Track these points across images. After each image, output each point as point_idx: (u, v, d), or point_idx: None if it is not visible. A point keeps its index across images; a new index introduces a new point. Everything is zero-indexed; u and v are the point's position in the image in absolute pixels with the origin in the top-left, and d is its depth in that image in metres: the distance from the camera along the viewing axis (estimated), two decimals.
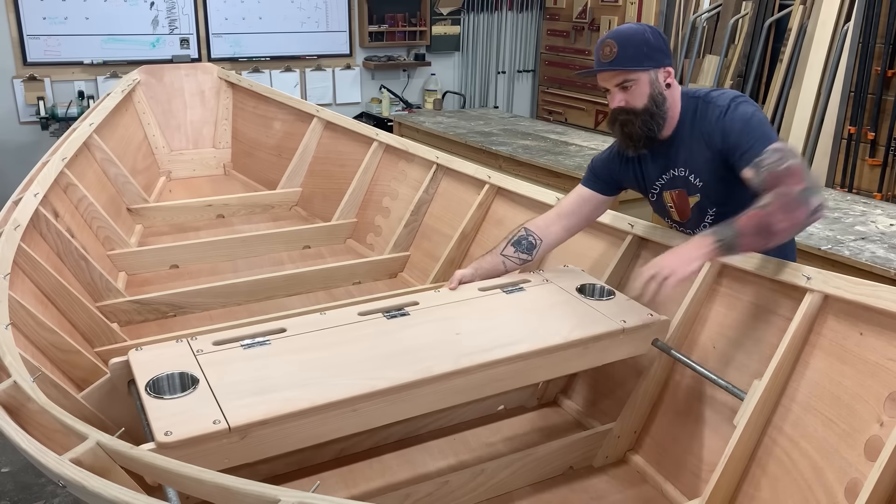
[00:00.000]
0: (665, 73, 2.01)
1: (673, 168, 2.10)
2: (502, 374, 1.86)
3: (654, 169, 2.14)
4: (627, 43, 1.96)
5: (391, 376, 1.72)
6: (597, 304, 2.11)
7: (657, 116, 2.00)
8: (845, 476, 1.64)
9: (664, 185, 2.14)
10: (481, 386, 1.85)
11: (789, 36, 5.24)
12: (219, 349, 1.80)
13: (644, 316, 2.05)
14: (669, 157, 2.09)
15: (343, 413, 1.64)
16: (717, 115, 1.98)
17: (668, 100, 2.02)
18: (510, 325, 2.00)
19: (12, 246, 2.28)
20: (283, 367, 1.74)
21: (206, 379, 1.67)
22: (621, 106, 2.01)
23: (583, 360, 2.01)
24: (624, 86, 1.99)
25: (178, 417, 1.52)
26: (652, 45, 1.98)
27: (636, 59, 1.96)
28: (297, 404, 1.59)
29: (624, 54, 1.95)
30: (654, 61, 1.98)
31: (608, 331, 1.98)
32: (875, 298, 1.70)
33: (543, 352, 1.90)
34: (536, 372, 1.95)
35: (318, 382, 1.68)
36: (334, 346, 1.86)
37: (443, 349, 1.85)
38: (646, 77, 1.98)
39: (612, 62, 1.97)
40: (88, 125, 3.58)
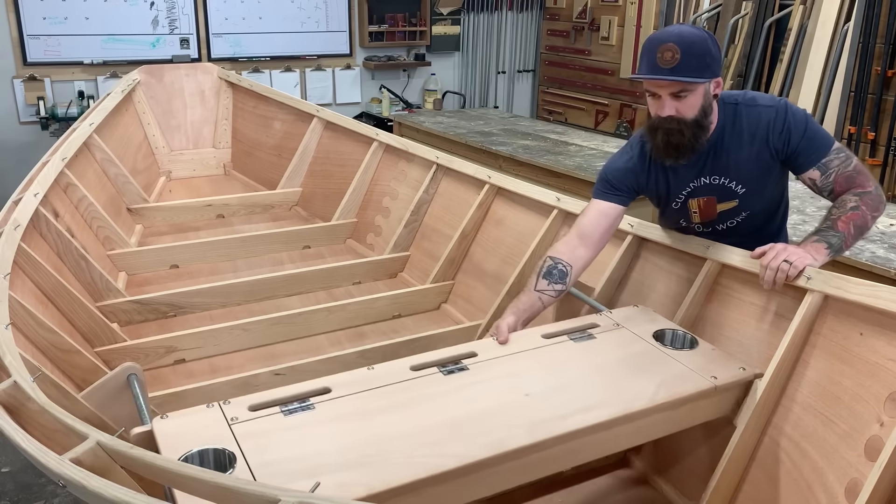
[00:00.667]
0: (716, 83, 1.94)
1: (706, 176, 2.04)
2: (582, 446, 1.64)
3: (684, 177, 2.06)
4: (691, 51, 1.85)
5: (459, 453, 1.49)
6: (680, 356, 1.88)
7: (705, 128, 1.94)
8: (845, 476, 1.64)
9: (691, 193, 2.08)
10: (557, 459, 1.64)
11: (789, 36, 5.24)
12: (255, 416, 1.59)
13: (736, 370, 1.82)
14: (702, 165, 2.03)
15: (404, 500, 1.42)
16: (772, 116, 1.96)
17: (714, 110, 1.96)
18: (584, 382, 1.77)
19: (12, 246, 2.27)
20: (330, 439, 1.52)
21: (243, 456, 1.45)
22: (672, 115, 1.90)
23: (669, 424, 1.78)
24: (679, 95, 1.89)
25: None
26: (713, 56, 1.89)
27: (698, 70, 1.86)
28: (352, 491, 1.37)
29: (687, 63, 1.84)
30: (712, 72, 1.90)
31: (698, 390, 1.75)
32: (875, 298, 1.70)
33: (628, 419, 1.66)
34: (619, 440, 1.73)
35: (374, 461, 1.46)
36: (388, 412, 1.63)
37: (513, 416, 1.62)
38: (702, 89, 1.89)
39: (673, 70, 1.85)
40: (88, 125, 3.58)
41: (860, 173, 1.95)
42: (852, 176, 1.94)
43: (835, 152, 1.95)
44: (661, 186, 2.11)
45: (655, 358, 1.88)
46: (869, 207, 1.91)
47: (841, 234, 1.87)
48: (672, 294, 2.21)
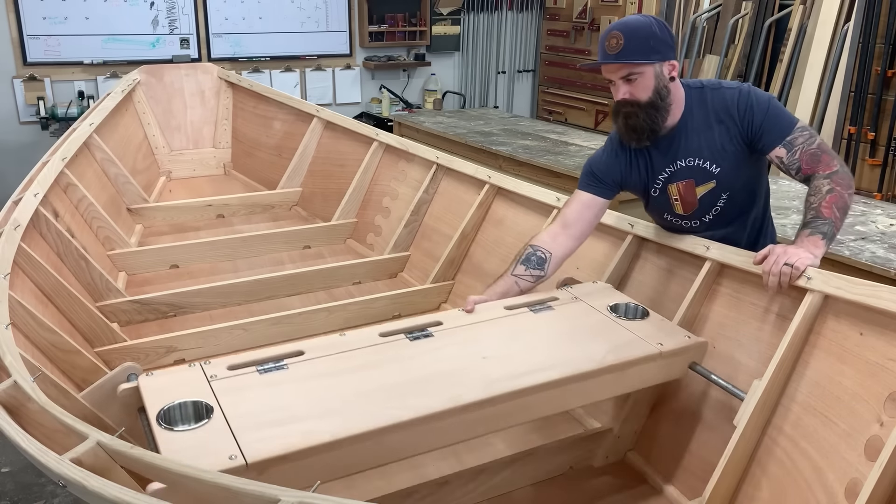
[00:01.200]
0: (669, 66, 2.01)
1: (681, 159, 2.09)
2: (534, 402, 1.76)
3: (660, 163, 2.13)
4: (634, 35, 1.95)
5: (417, 405, 1.61)
6: (631, 325, 2.01)
7: (661, 109, 2.01)
8: (845, 476, 1.64)
9: (668, 178, 2.13)
10: (511, 414, 1.75)
11: (789, 36, 5.24)
12: (233, 374, 1.71)
13: (682, 338, 1.96)
14: (676, 148, 2.09)
15: (366, 447, 1.55)
16: (735, 96, 2.03)
17: (671, 93, 2.03)
18: (540, 347, 1.89)
19: (12, 246, 2.27)
20: (301, 394, 1.64)
21: (220, 408, 1.57)
22: (625, 98, 2.01)
23: (618, 386, 1.90)
24: (629, 78, 1.99)
25: (192, 452, 1.42)
26: (658, 38, 1.98)
27: (642, 52, 1.96)
28: (317, 437, 1.49)
29: (630, 46, 1.95)
30: (659, 54, 1.98)
31: (645, 354, 1.88)
32: (875, 298, 1.70)
33: (578, 378, 1.79)
34: (570, 399, 1.85)
35: (340, 412, 1.58)
36: (355, 371, 1.75)
37: (471, 375, 1.74)
38: (651, 70, 1.98)
39: (618, 54, 1.96)
40: (88, 125, 3.58)
41: (825, 152, 1.98)
42: (817, 154, 1.97)
43: (798, 130, 1.99)
44: (641, 174, 2.17)
45: (608, 327, 2.01)
46: (843, 187, 1.92)
47: (829, 220, 1.89)
48: (672, 294, 2.22)
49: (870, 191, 4.60)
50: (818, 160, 1.97)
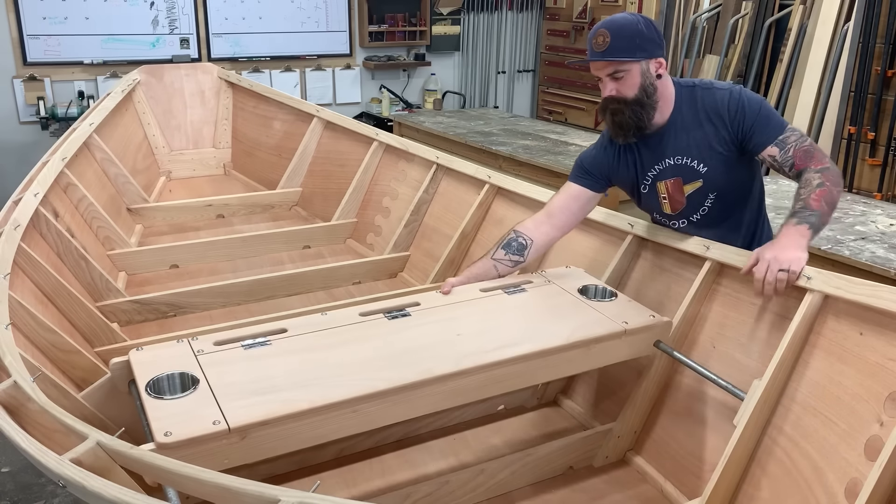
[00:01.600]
0: (657, 63, 2.03)
1: (669, 157, 2.11)
2: (503, 376, 1.86)
3: (649, 160, 2.15)
4: (620, 33, 1.98)
5: (392, 377, 1.71)
6: (598, 305, 2.11)
7: (647, 107, 2.03)
8: (845, 476, 1.64)
9: (657, 176, 2.15)
10: (482, 387, 1.85)
11: (789, 36, 5.24)
12: (219, 349, 1.80)
13: (646, 317, 2.05)
14: (664, 146, 2.11)
15: (343, 414, 1.64)
16: (726, 97, 2.04)
17: (658, 90, 2.04)
18: (511, 326, 2.00)
19: (12, 246, 2.27)
20: (283, 367, 1.74)
21: (206, 379, 1.67)
22: (612, 95, 2.03)
23: (584, 362, 2.01)
24: (615, 76, 2.01)
25: (178, 418, 1.52)
26: (644, 36, 2.00)
27: (628, 50, 1.98)
28: (296, 405, 1.59)
29: (616, 45, 1.97)
30: (646, 52, 2.00)
31: (610, 332, 1.98)
32: (875, 298, 1.70)
33: (544, 353, 1.89)
34: (538, 373, 1.95)
35: (318, 383, 1.68)
36: (335, 347, 1.85)
37: (444, 350, 1.85)
38: (637, 68, 2.00)
39: (604, 52, 1.99)
40: (88, 125, 3.58)
41: (817, 150, 2.00)
42: (810, 150, 1.98)
43: (790, 130, 2.01)
44: (630, 171, 2.19)
45: (577, 307, 2.11)
46: (832, 182, 1.93)
47: (817, 212, 1.89)
48: (672, 294, 2.22)
49: (870, 191, 4.60)
50: (811, 156, 1.98)
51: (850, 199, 3.49)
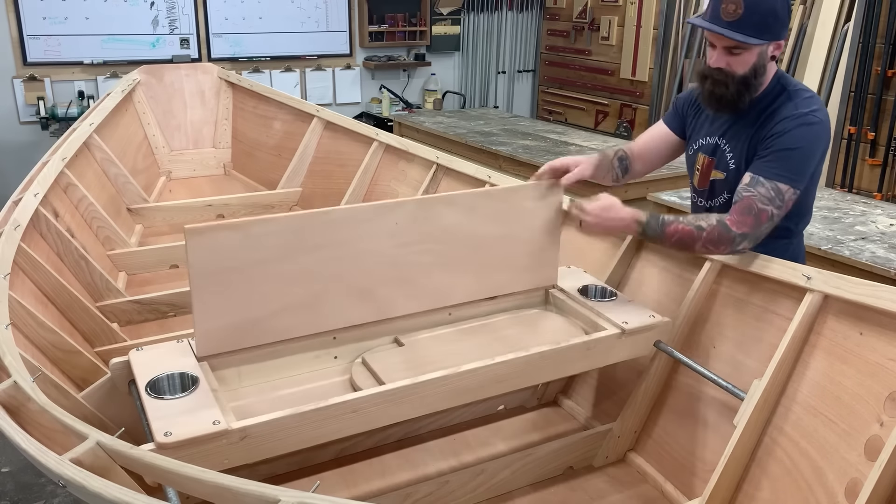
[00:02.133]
0: (776, 45, 1.90)
1: (719, 137, 2.05)
2: (503, 376, 1.86)
3: (708, 127, 2.09)
4: (756, 8, 1.82)
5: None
6: (598, 306, 2.11)
7: (752, 87, 1.92)
8: (845, 476, 1.64)
9: (702, 147, 2.10)
10: (482, 387, 1.85)
11: (789, 36, 5.25)
12: None
13: (646, 318, 2.05)
14: (725, 125, 2.04)
15: (343, 414, 1.65)
16: (784, 116, 1.91)
17: (767, 72, 1.94)
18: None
19: (12, 246, 2.27)
20: None
21: (206, 380, 1.67)
22: (721, 67, 1.90)
23: (584, 362, 2.01)
24: (733, 51, 1.87)
25: (178, 418, 1.52)
26: (778, 16, 1.85)
27: (758, 29, 1.83)
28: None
29: (749, 20, 1.81)
30: (772, 34, 1.87)
31: (610, 333, 1.99)
32: (875, 298, 1.70)
33: (544, 353, 1.90)
34: (537, 373, 1.95)
35: None
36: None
37: None
38: (758, 49, 1.87)
39: (733, 24, 1.82)
40: (88, 125, 3.58)
41: (754, 218, 1.85)
42: (749, 209, 1.85)
43: (769, 187, 1.86)
44: (693, 125, 2.16)
45: (577, 308, 2.13)
46: (711, 241, 1.87)
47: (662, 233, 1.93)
48: (672, 294, 2.22)
49: (870, 191, 4.60)
50: (743, 211, 1.86)
51: (851, 199, 3.49)
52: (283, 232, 1.79)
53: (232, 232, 1.71)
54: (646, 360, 2.14)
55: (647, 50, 6.39)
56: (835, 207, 3.30)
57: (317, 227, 1.83)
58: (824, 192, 3.62)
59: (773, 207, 1.86)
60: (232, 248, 1.71)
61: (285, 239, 1.80)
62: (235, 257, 1.71)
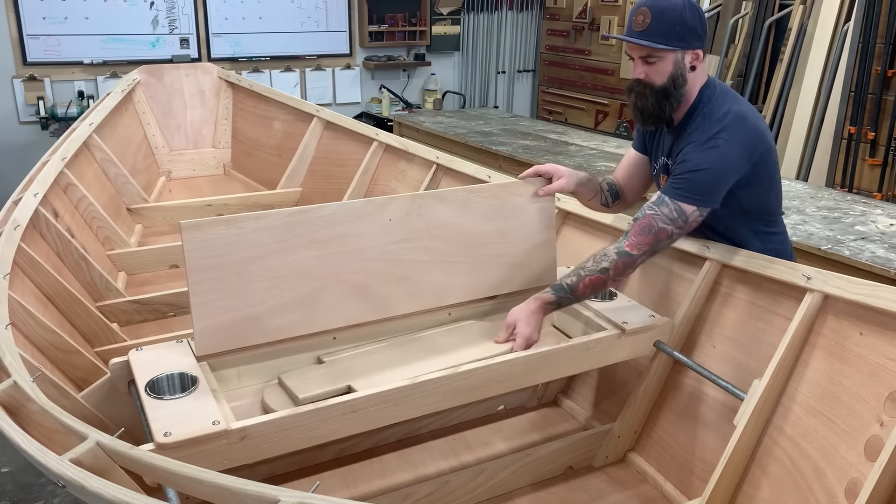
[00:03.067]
0: (693, 55, 1.95)
1: (668, 157, 2.09)
2: (503, 376, 1.86)
3: (660, 147, 2.13)
4: (662, 17, 1.89)
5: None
6: (598, 306, 2.11)
7: (672, 98, 1.96)
8: (845, 476, 1.64)
9: (659, 169, 2.14)
10: (482, 387, 1.85)
11: (789, 36, 5.24)
12: None
13: (645, 317, 2.05)
14: (670, 144, 2.08)
15: (343, 414, 1.65)
16: (692, 140, 1.95)
17: (688, 83, 1.97)
18: None
19: (12, 246, 2.27)
20: None
21: (206, 380, 1.67)
22: (640, 78, 1.97)
23: (584, 362, 2.01)
24: (648, 60, 1.94)
25: (178, 418, 1.52)
26: (686, 25, 1.91)
27: (666, 37, 1.90)
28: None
29: (656, 28, 1.89)
30: (683, 42, 1.92)
31: (609, 333, 1.99)
32: (875, 298, 1.70)
33: (544, 354, 1.90)
34: (537, 374, 1.96)
35: None
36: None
37: None
38: (672, 57, 1.93)
39: (642, 33, 1.91)
40: (88, 125, 3.58)
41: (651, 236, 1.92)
42: (650, 228, 1.92)
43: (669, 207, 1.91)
44: (652, 147, 2.18)
45: (577, 308, 2.12)
46: (617, 274, 1.93)
47: (573, 294, 1.95)
48: (672, 294, 2.21)
49: (870, 191, 4.60)
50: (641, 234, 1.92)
51: (851, 199, 3.48)
52: (278, 227, 1.81)
53: (227, 227, 1.73)
54: (646, 360, 2.14)
55: None
56: (835, 207, 3.30)
57: (311, 222, 1.84)
58: (824, 192, 3.62)
59: (674, 227, 1.93)
60: (227, 244, 1.71)
61: (280, 235, 1.81)
62: (231, 252, 1.72)
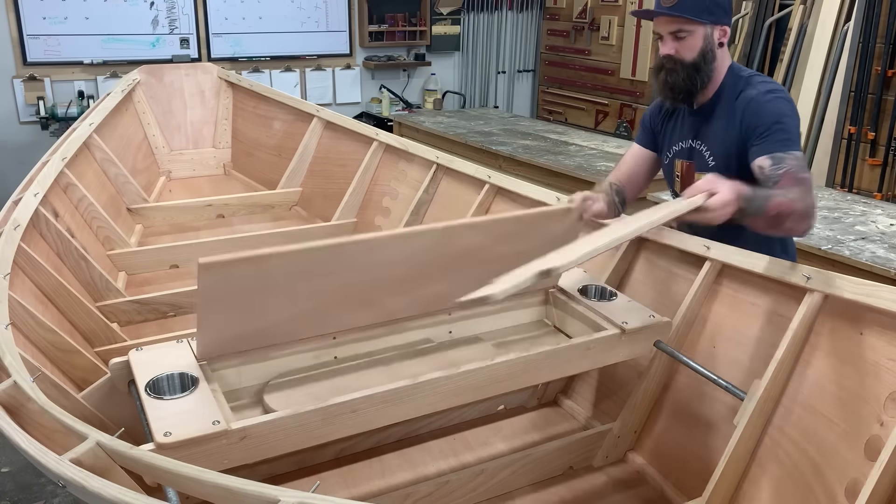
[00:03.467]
0: (721, 31, 1.98)
1: (692, 139, 2.08)
2: (503, 376, 1.86)
3: (680, 133, 2.12)
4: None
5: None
6: (598, 306, 2.11)
7: (703, 73, 1.98)
8: (845, 476, 1.64)
9: (678, 153, 2.13)
10: (482, 387, 1.85)
11: (789, 36, 5.24)
12: None
13: (645, 317, 2.05)
14: (696, 126, 2.07)
15: (343, 414, 1.65)
16: (751, 96, 1.97)
17: (717, 59, 1.99)
18: None
19: (12, 246, 2.27)
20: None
21: (206, 381, 1.67)
22: (670, 54, 1.98)
23: (584, 362, 2.01)
24: (678, 35, 1.95)
25: (178, 418, 1.52)
26: (716, 1, 1.94)
27: (697, 10, 1.92)
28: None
29: (686, 2, 1.91)
30: (713, 16, 1.95)
31: (609, 333, 1.99)
32: (875, 298, 1.69)
33: (544, 353, 1.90)
34: (537, 373, 1.95)
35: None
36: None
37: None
38: (702, 31, 1.95)
39: (673, 7, 1.92)
40: (88, 125, 3.58)
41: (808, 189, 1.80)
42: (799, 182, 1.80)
43: (793, 157, 1.85)
44: (666, 134, 2.17)
45: (577, 307, 2.13)
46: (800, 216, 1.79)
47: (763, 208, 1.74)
48: (672, 294, 2.21)
49: (870, 191, 4.60)
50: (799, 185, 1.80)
51: (851, 199, 3.49)
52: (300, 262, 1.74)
53: (248, 265, 1.66)
54: (646, 360, 2.14)
55: (647, 50, 6.39)
56: (835, 207, 3.30)
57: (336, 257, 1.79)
58: (824, 192, 3.62)
59: (807, 173, 1.85)
60: (244, 279, 1.66)
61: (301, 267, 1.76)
62: (248, 287, 1.68)
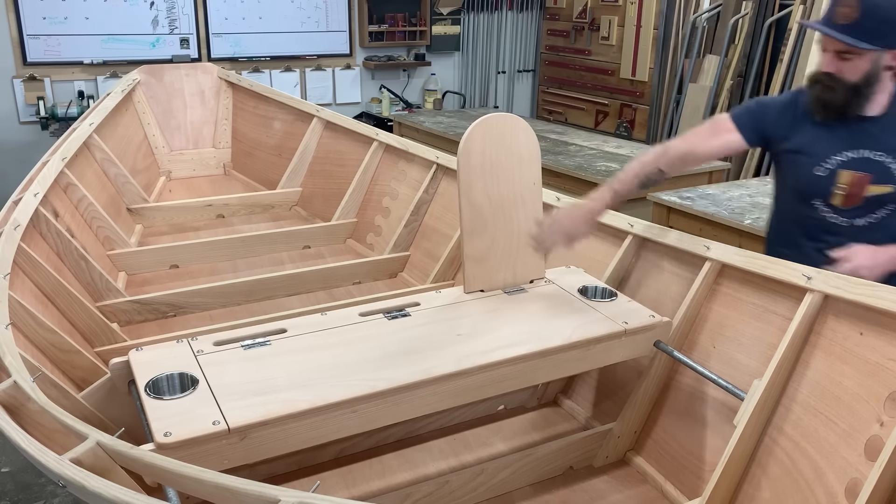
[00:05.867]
0: (892, 55, 1.83)
1: (869, 149, 1.92)
2: (503, 376, 1.86)
3: (836, 142, 1.95)
4: (872, 12, 1.75)
5: (391, 377, 1.72)
6: (598, 306, 2.11)
7: (863, 96, 1.86)
8: (845, 476, 1.64)
9: (844, 163, 1.94)
10: (482, 387, 1.85)
11: (789, 36, 5.24)
12: (219, 350, 1.81)
13: (646, 317, 2.05)
14: (867, 136, 1.92)
15: (343, 414, 1.65)
16: None
17: (882, 81, 1.86)
18: (512, 326, 2.01)
19: (12, 246, 2.27)
20: (283, 367, 1.75)
21: (206, 379, 1.67)
22: (831, 72, 1.85)
23: (584, 362, 2.01)
24: (845, 56, 1.81)
25: (178, 418, 1.52)
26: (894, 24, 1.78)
27: (871, 35, 1.76)
28: (296, 405, 1.59)
29: (864, 24, 1.75)
30: (886, 40, 1.79)
31: (609, 332, 1.99)
32: (875, 298, 1.70)
33: (544, 353, 1.90)
34: (537, 373, 1.95)
35: (318, 383, 1.69)
36: (335, 347, 1.86)
37: (444, 350, 1.86)
38: (871, 55, 1.80)
39: (847, 28, 1.76)
40: (88, 125, 3.58)
41: None
42: None
43: None
44: (808, 143, 1.98)
45: (577, 307, 2.12)
46: None
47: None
48: (672, 294, 2.22)
49: None
50: None
51: None
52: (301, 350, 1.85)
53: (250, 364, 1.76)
54: (646, 360, 2.14)
55: (647, 50, 6.39)
56: None
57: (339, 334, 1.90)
58: None
59: None
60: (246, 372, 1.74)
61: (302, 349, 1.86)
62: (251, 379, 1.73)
